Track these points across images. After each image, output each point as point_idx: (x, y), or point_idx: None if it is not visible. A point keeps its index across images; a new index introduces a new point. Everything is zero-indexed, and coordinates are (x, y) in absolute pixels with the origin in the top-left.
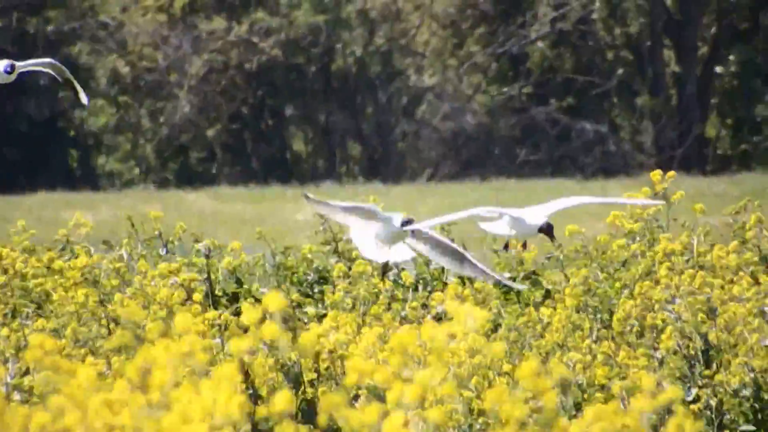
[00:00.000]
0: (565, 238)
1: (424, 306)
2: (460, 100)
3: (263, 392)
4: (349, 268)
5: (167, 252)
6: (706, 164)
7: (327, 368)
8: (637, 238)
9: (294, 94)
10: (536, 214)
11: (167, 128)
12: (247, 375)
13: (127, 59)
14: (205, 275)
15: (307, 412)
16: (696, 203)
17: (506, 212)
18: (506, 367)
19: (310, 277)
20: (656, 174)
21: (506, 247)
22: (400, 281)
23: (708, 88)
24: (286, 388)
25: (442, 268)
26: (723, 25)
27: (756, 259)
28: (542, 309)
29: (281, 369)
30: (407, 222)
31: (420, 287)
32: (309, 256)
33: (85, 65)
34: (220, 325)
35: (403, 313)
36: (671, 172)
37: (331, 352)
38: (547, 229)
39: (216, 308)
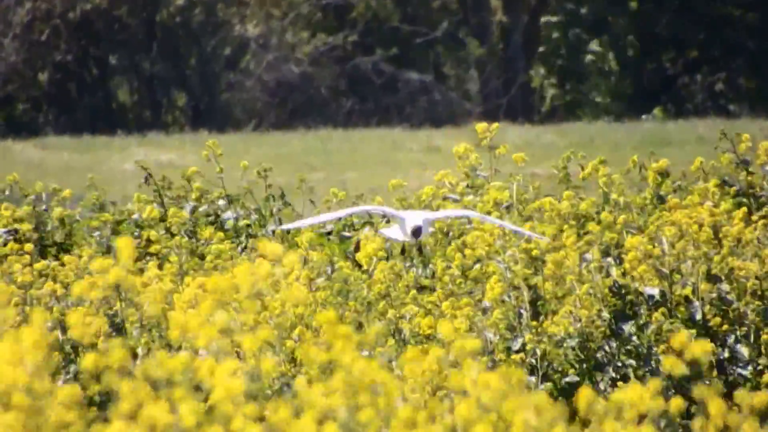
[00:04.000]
0: (390, 192)
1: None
2: (285, 50)
3: (84, 342)
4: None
5: None
6: (533, 114)
7: (150, 318)
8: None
9: (118, 44)
10: (417, 216)
11: None
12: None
13: None
14: (34, 225)
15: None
16: (523, 153)
17: (391, 213)
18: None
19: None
20: (481, 125)
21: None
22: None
23: (534, 37)
24: (112, 338)
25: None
26: None
27: (587, 209)
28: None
29: (108, 318)
30: (417, 230)
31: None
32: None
33: None
34: (47, 275)
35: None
36: (495, 124)
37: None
38: (415, 232)
39: (44, 258)
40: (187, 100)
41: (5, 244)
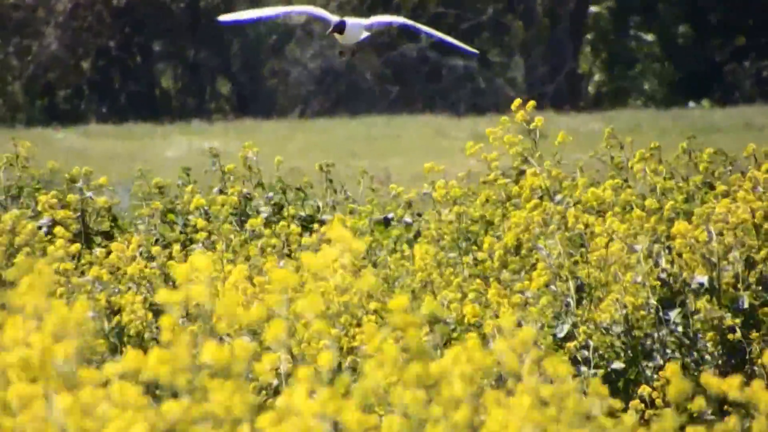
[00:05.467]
0: (427, 176)
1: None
2: (329, 38)
3: (131, 331)
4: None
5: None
6: (579, 101)
7: (195, 305)
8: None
9: (162, 30)
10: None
11: (34, 66)
12: (114, 313)
13: None
14: (79, 213)
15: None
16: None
17: (325, 16)
18: (373, 305)
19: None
20: (516, 102)
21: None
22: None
23: (581, 23)
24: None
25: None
26: None
27: (634, 197)
28: (416, 246)
29: (150, 307)
30: (339, 26)
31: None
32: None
33: None
34: (90, 263)
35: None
36: (531, 102)
37: None
38: (337, 28)
39: (89, 246)
40: (231, 87)
41: (48, 233)
